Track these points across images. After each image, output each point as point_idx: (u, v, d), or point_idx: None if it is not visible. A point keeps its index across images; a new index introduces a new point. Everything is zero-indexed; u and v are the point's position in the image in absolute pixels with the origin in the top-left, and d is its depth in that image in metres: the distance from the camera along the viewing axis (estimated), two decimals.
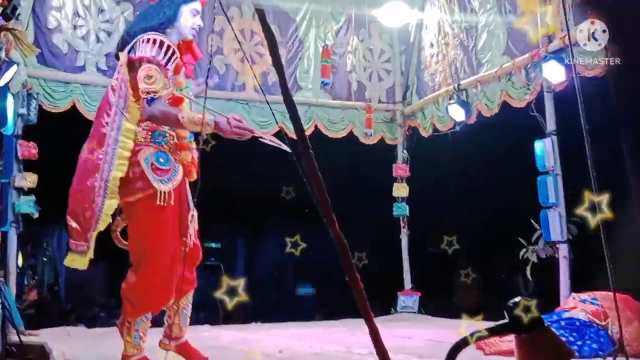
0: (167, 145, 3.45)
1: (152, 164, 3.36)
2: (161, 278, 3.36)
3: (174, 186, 3.39)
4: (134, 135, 3.36)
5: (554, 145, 5.99)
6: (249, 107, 7.51)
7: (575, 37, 5.40)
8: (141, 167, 3.34)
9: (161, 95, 3.28)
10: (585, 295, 4.36)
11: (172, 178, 3.39)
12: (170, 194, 3.35)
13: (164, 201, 3.30)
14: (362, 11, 8.01)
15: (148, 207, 3.34)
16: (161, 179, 3.35)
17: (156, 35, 3.39)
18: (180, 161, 3.48)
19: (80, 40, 6.82)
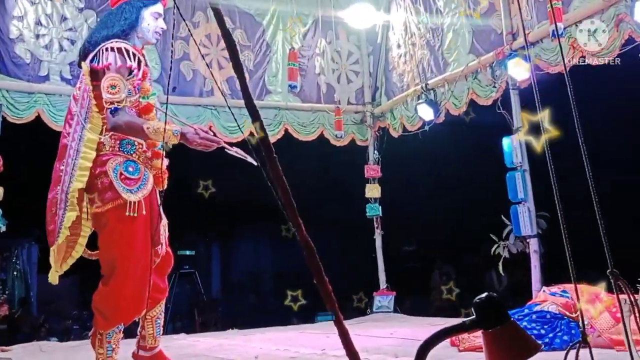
0: (136, 154, 3.39)
1: (121, 173, 3.29)
2: (133, 289, 3.30)
3: (144, 195, 3.32)
4: (97, 145, 3.30)
5: (521, 142, 6.08)
6: (217, 112, 7.47)
7: (536, 35, 5.51)
8: (109, 178, 3.27)
9: (125, 105, 3.23)
10: (555, 289, 4.42)
11: (141, 187, 3.33)
12: (141, 203, 3.29)
13: (134, 211, 3.23)
14: (328, 13, 8.03)
15: (118, 217, 3.27)
16: (130, 189, 3.29)
17: (119, 43, 3.32)
18: (150, 170, 3.42)
19: (43, 49, 6.71)
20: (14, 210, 6.32)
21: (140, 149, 3.38)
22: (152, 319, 3.66)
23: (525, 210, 5.95)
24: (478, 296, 1.60)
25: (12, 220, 6.29)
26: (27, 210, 10.62)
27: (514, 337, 1.57)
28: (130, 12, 3.46)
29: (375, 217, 8.37)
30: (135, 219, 3.25)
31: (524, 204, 5.97)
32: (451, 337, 1.57)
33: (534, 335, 3.85)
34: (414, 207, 9.43)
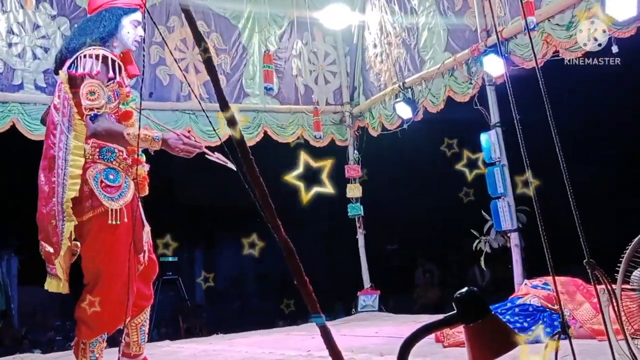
0: (117, 161, 3.36)
1: (102, 181, 3.26)
2: (117, 297, 3.26)
3: (126, 203, 3.29)
4: (84, 152, 3.27)
5: (498, 137, 6.14)
6: (195, 116, 7.42)
7: (510, 31, 5.54)
8: (89, 186, 3.23)
9: (105, 112, 3.21)
10: (536, 281, 4.47)
11: (122, 195, 3.30)
12: (122, 211, 3.26)
13: (115, 219, 3.21)
14: (304, 14, 8.03)
15: (100, 225, 3.24)
16: (111, 197, 3.26)
17: (98, 50, 3.30)
18: (131, 176, 3.39)
19: (16, 58, 6.61)
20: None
21: (120, 156, 3.36)
22: (136, 326, 3.63)
23: (505, 205, 6.00)
24: (458, 291, 1.61)
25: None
26: (5, 222, 10.50)
27: (495, 331, 1.57)
28: (110, 20, 3.46)
29: (357, 217, 8.37)
30: (117, 226, 3.23)
31: (503, 199, 6.02)
32: (433, 333, 1.57)
33: (517, 328, 3.88)
34: (396, 205, 9.47)
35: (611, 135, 7.74)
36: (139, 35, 3.58)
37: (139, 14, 3.59)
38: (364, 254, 8.35)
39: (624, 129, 7.57)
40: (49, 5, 6.81)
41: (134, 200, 3.38)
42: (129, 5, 3.55)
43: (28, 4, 6.66)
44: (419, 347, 1.61)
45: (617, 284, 2.24)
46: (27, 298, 12.70)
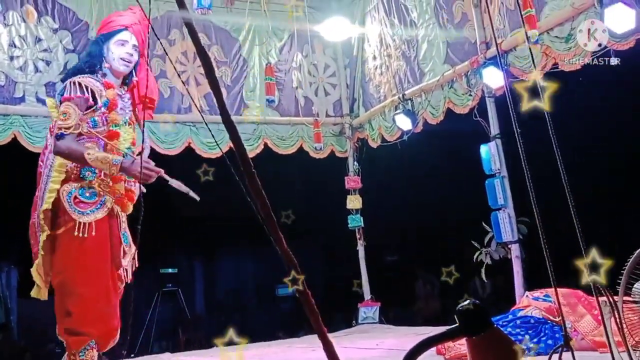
0: (96, 181, 3.46)
1: (75, 197, 3.40)
2: (92, 303, 3.33)
3: (97, 218, 3.39)
4: (67, 170, 3.45)
5: (498, 149, 6.16)
6: (196, 129, 7.45)
7: (509, 43, 5.57)
8: (62, 201, 3.39)
9: (72, 132, 3.36)
10: (537, 293, 4.46)
11: (94, 211, 3.40)
12: (91, 225, 3.35)
13: (82, 232, 3.30)
14: (304, 27, 8.07)
15: (69, 238, 3.35)
16: (82, 211, 3.38)
17: (81, 78, 3.47)
18: (113, 195, 3.48)
19: (17, 70, 6.64)
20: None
21: (100, 175, 3.44)
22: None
23: (506, 217, 6.00)
24: (460, 303, 1.61)
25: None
26: (5, 234, 10.49)
27: (498, 343, 1.58)
28: (94, 47, 3.70)
29: (358, 228, 8.37)
30: (84, 239, 3.32)
31: (504, 210, 6.03)
32: (435, 345, 1.58)
33: (518, 341, 3.88)
34: (396, 217, 9.45)
35: (613, 146, 7.74)
36: (125, 52, 3.64)
37: (126, 34, 3.68)
38: (364, 266, 8.34)
39: (626, 139, 7.57)
40: (50, 18, 6.85)
41: (113, 218, 3.51)
42: (111, 29, 3.69)
43: (30, 18, 6.70)
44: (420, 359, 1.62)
45: (618, 296, 2.24)
46: (26, 310, 12.64)
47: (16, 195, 5.46)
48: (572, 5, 5.19)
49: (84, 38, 6.98)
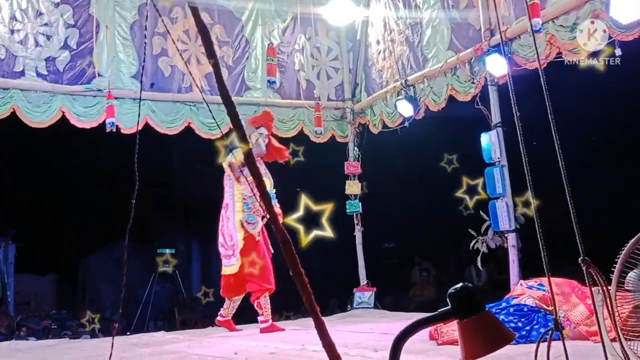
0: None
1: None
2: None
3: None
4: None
5: (499, 137, 6.13)
6: (196, 108, 7.41)
7: (514, 31, 5.52)
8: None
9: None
10: (532, 282, 4.47)
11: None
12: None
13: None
14: (307, 9, 8.00)
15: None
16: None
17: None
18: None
19: (18, 44, 6.60)
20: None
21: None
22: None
23: (504, 206, 5.99)
24: (453, 287, 1.60)
25: None
26: (3, 209, 10.50)
27: (488, 327, 1.57)
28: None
29: (356, 214, 8.37)
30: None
31: (502, 199, 6.01)
32: (426, 328, 1.57)
33: (511, 328, 3.88)
34: (394, 203, 9.46)
35: (613, 137, 7.73)
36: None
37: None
38: (361, 251, 8.34)
39: (626, 130, 7.56)
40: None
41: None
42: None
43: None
44: (413, 345, 1.61)
45: (612, 285, 2.24)
46: (23, 286, 12.71)
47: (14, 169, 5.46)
48: None
49: (84, 13, 6.93)
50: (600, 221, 7.37)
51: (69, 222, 11.85)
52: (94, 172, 10.99)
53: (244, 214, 5.94)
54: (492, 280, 8.89)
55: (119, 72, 7.00)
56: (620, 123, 7.54)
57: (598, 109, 7.42)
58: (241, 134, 1.74)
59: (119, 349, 4.74)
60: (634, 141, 7.33)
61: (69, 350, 5.30)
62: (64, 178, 11.08)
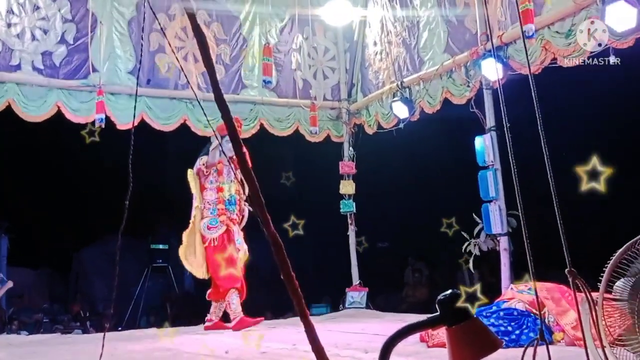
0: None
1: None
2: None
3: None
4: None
5: (493, 141, 6.16)
6: (192, 106, 7.41)
7: (510, 36, 5.55)
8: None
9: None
10: (522, 286, 4.49)
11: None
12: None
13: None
14: (305, 9, 8.01)
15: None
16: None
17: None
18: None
19: (14, 38, 6.59)
20: None
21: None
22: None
23: (496, 209, 6.03)
24: (442, 293, 1.62)
25: None
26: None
27: (476, 334, 1.59)
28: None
29: (349, 214, 8.39)
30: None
31: (495, 203, 6.05)
32: (415, 333, 1.59)
33: (501, 332, 3.92)
34: (388, 204, 9.48)
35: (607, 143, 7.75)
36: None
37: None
38: (354, 251, 8.37)
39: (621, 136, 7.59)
40: None
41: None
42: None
43: None
44: (403, 347, 1.64)
45: (599, 293, 2.27)
46: (15, 279, 12.67)
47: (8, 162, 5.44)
48: (574, 0, 5.17)
49: (82, 8, 6.92)
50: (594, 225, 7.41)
51: (62, 215, 11.83)
52: (88, 166, 10.97)
53: (206, 219, 6.12)
54: (484, 283, 8.93)
55: (115, 67, 6.99)
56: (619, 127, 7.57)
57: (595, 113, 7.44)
58: (234, 136, 1.76)
59: (110, 345, 4.74)
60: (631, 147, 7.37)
61: (60, 346, 5.30)
62: (58, 171, 11.07)
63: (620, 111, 6.93)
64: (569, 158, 5.35)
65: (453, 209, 7.15)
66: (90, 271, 13.82)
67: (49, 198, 11.52)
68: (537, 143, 2.91)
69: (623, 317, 2.24)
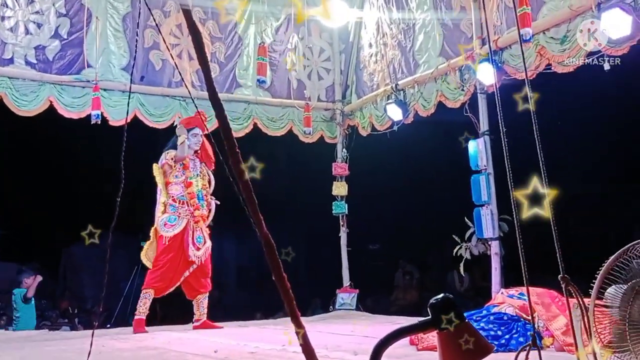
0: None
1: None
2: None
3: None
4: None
5: (486, 145, 6.17)
6: (186, 103, 7.38)
7: (505, 40, 5.55)
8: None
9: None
10: (513, 291, 4.50)
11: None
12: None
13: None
14: (301, 9, 7.99)
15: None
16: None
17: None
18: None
19: (8, 31, 6.54)
20: None
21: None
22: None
23: (488, 213, 6.03)
24: (434, 297, 1.62)
25: None
26: None
27: (467, 338, 1.58)
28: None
29: (341, 215, 8.38)
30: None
31: (487, 207, 6.05)
32: (407, 336, 1.58)
33: (490, 337, 3.92)
34: (380, 206, 9.49)
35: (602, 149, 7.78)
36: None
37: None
38: (345, 252, 8.36)
39: (616, 143, 7.63)
40: None
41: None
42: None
43: None
44: (392, 349, 1.62)
45: (591, 299, 2.27)
46: (4, 274, 12.58)
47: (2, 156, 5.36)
48: (570, 7, 5.19)
49: (76, 3, 6.88)
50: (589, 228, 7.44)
51: (52, 210, 11.75)
52: (79, 162, 10.91)
53: (165, 215, 6.03)
54: (474, 287, 8.94)
55: (109, 63, 6.95)
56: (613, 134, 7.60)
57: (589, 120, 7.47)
58: (228, 135, 1.74)
59: (98, 342, 4.71)
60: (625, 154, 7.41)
61: (47, 342, 5.26)
62: (49, 166, 10.99)
63: (613, 117, 6.97)
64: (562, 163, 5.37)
65: (445, 213, 7.16)
66: (80, 267, 13.73)
67: (38, 193, 11.44)
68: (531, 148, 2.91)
69: (613, 324, 2.24)
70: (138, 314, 5.96)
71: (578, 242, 6.51)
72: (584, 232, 7.46)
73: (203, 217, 6.19)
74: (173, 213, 6.04)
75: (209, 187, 6.38)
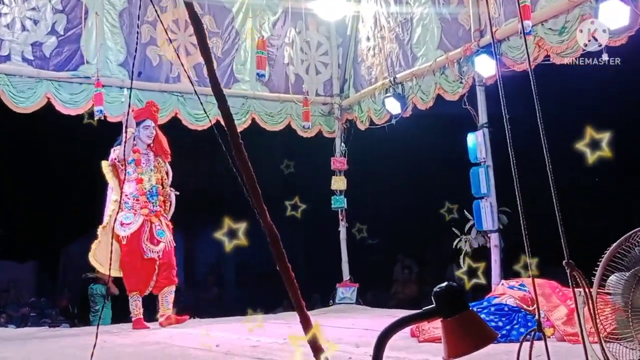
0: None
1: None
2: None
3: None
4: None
5: (485, 138, 6.17)
6: (184, 99, 7.37)
7: (503, 32, 5.55)
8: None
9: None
10: (513, 282, 4.51)
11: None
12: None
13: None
14: (298, 3, 7.98)
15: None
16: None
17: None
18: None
19: (4, 28, 6.51)
20: None
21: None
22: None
23: (488, 206, 6.04)
24: (438, 285, 1.62)
25: None
26: None
27: (472, 326, 1.59)
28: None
29: (340, 209, 8.39)
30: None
31: (486, 199, 6.06)
32: (411, 325, 1.59)
33: (492, 328, 3.93)
34: (379, 200, 9.49)
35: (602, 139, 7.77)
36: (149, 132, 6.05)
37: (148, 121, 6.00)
38: (344, 247, 8.37)
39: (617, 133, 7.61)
40: None
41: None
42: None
43: None
44: (394, 342, 1.63)
45: (593, 287, 2.27)
46: (2, 273, 12.58)
47: None
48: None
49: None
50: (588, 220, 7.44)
51: (50, 209, 11.73)
52: (78, 159, 10.88)
53: (121, 214, 5.84)
54: (474, 279, 8.94)
55: (106, 59, 6.93)
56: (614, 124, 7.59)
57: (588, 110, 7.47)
58: (232, 129, 1.74)
59: (100, 338, 4.71)
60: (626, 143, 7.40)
61: (49, 339, 5.26)
62: (47, 164, 10.97)
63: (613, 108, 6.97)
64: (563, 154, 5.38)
65: (444, 206, 7.16)
66: (78, 265, 13.72)
67: (37, 191, 11.42)
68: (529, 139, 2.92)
69: (615, 312, 2.25)
70: (134, 315, 5.94)
71: (576, 232, 6.52)
72: (583, 223, 7.46)
73: (157, 214, 6.03)
74: (128, 211, 5.88)
75: (167, 179, 6.23)
